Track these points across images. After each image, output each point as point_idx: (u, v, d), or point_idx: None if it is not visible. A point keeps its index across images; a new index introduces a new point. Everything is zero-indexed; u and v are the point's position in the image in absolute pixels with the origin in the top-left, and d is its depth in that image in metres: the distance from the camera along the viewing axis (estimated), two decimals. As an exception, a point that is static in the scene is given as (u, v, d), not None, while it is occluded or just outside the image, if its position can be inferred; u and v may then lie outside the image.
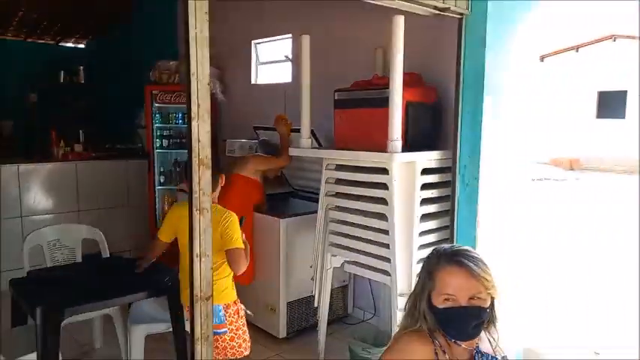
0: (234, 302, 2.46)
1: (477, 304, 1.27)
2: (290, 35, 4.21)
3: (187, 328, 2.44)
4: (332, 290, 3.21)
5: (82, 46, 7.80)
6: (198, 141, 1.62)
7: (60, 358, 2.18)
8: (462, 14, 2.57)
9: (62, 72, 7.19)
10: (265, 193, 3.57)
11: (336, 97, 3.01)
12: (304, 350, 3.28)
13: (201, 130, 1.62)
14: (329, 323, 3.19)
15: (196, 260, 1.68)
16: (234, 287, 2.50)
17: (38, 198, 4.48)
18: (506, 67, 2.63)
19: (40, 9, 6.36)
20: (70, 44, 7.72)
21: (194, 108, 1.60)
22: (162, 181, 4.94)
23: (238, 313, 2.45)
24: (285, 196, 4.05)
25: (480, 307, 1.27)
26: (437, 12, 2.51)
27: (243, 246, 2.34)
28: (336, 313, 3.61)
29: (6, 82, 6.70)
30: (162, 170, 4.94)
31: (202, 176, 1.65)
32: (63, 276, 2.58)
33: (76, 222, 4.20)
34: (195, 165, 1.63)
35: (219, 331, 2.34)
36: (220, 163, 4.03)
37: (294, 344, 3.38)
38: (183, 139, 4.87)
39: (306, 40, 2.98)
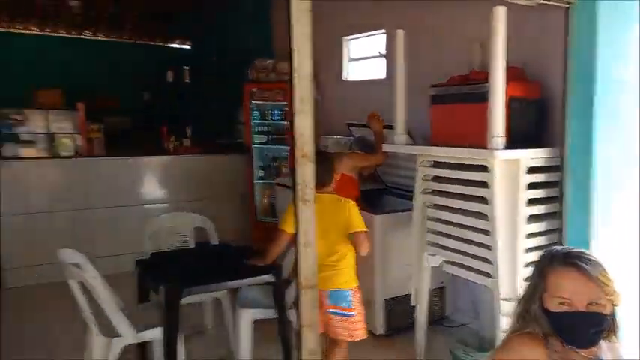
0: (358, 287, 2.60)
1: (597, 310, 1.21)
2: (384, 31, 4.23)
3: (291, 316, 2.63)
4: (430, 290, 3.16)
5: (187, 47, 8.41)
6: (302, 135, 1.71)
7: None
8: (568, 3, 2.43)
9: (169, 72, 7.84)
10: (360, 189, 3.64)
11: (432, 93, 2.98)
12: (403, 349, 3.26)
13: (304, 124, 1.69)
14: (428, 324, 3.14)
15: (302, 250, 1.78)
16: None
17: (151, 188, 4.95)
18: (621, 59, 2.44)
19: (150, 13, 6.95)
20: (176, 45, 8.34)
21: (297, 103, 1.68)
22: (260, 175, 5.21)
23: (360, 299, 2.59)
24: (378, 192, 4.08)
25: (599, 314, 1.21)
26: (541, 2, 2.40)
27: (366, 229, 2.52)
28: (434, 314, 3.51)
29: (122, 82, 7.46)
30: (260, 165, 5.21)
31: (305, 169, 1.74)
32: (181, 259, 2.86)
33: (184, 211, 4.56)
34: (299, 158, 1.71)
35: (348, 313, 2.51)
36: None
37: (392, 342, 3.37)
38: (280, 135, 5.09)
39: (400, 35, 2.99)
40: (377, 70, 4.41)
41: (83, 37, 7.60)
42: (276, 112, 5.07)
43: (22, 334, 3.55)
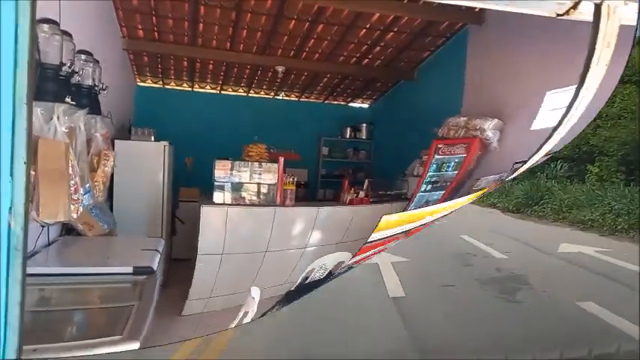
0: None
1: None
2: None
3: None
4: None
5: (366, 105, 8.76)
6: None
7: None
8: None
9: (349, 128, 8.22)
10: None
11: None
12: None
13: None
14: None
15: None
16: None
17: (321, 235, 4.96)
18: None
19: (340, 75, 7.41)
20: (357, 104, 8.73)
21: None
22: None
23: None
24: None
25: None
26: None
27: None
28: None
29: (304, 136, 7.98)
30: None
31: None
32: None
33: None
34: None
35: None
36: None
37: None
38: (444, 184, 4.80)
39: None
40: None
41: (276, 97, 8.41)
42: (451, 164, 4.79)
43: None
